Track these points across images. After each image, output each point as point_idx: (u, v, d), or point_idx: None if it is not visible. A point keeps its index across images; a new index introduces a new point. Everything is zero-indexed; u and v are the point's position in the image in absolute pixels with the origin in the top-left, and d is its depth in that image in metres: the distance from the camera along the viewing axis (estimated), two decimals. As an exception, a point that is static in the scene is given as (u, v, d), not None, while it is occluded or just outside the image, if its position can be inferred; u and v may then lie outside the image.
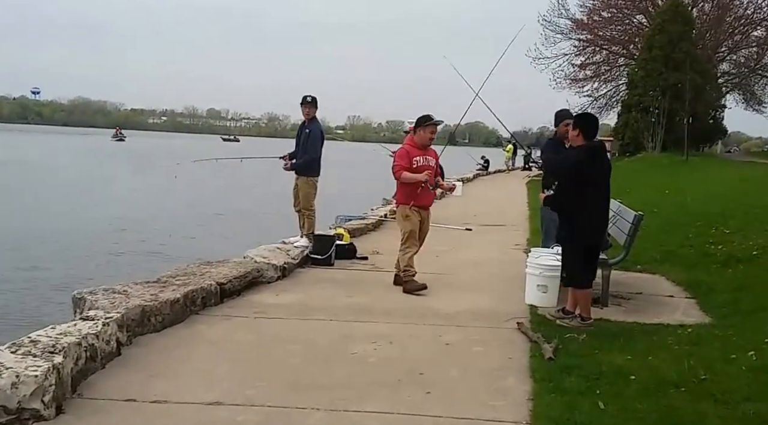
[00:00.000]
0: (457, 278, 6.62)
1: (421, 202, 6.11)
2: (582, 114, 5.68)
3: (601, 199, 4.97)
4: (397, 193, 6.19)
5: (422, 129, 6.10)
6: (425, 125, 6.10)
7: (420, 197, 6.07)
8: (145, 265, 9.58)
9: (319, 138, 7.24)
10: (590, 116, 5.44)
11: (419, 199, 6.07)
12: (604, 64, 37.39)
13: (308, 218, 7.25)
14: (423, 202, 6.14)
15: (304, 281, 6.33)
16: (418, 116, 6.21)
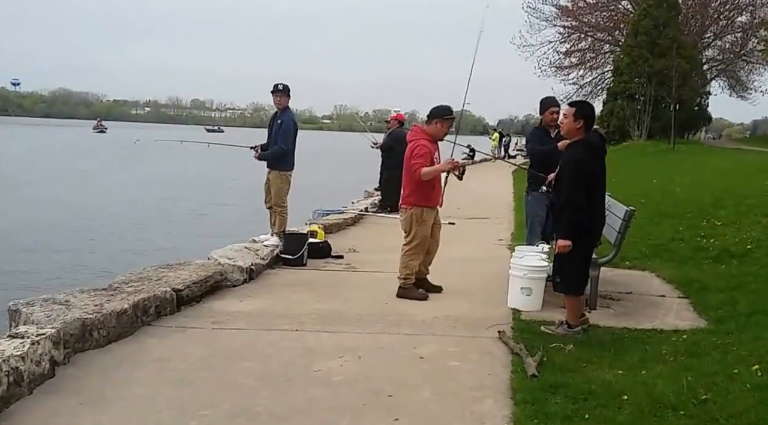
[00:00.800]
0: (437, 280, 6.19)
1: (434, 202, 5.54)
2: (582, 102, 5.17)
3: (602, 195, 4.58)
4: (410, 193, 5.48)
5: (440, 122, 5.49)
6: (445, 118, 5.51)
7: (434, 196, 5.51)
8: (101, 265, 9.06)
9: (292, 129, 6.77)
10: (590, 104, 4.98)
11: (433, 198, 5.51)
12: (590, 51, 37.04)
13: (280, 215, 6.80)
14: (436, 201, 5.56)
15: (272, 284, 5.88)
16: (436, 106, 5.55)
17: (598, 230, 4.64)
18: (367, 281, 6.09)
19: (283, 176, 6.81)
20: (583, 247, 4.48)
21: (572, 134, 4.55)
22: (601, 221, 4.67)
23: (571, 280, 4.55)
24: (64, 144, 44.65)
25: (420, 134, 5.53)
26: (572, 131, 4.54)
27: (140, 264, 6.20)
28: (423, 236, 5.49)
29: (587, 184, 4.38)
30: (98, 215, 14.97)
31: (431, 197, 5.49)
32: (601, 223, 4.68)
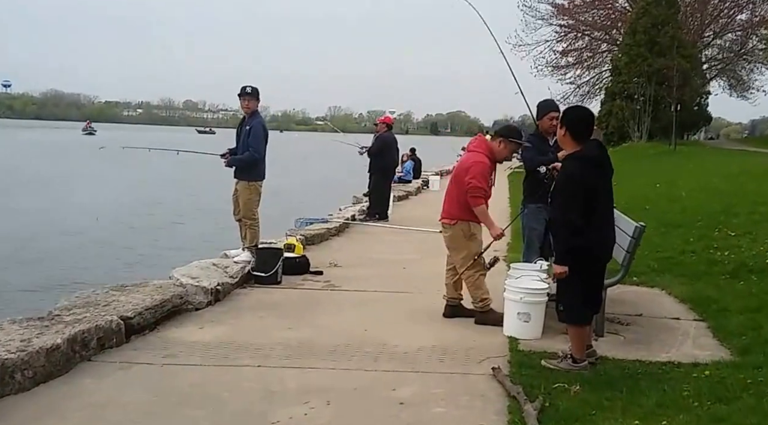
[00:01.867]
0: (424, 299, 5.59)
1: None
2: (569, 108, 4.57)
3: (606, 213, 3.95)
4: (457, 207, 4.89)
5: (505, 143, 4.90)
6: (511, 141, 4.94)
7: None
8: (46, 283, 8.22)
9: (262, 135, 6.16)
10: (581, 109, 4.38)
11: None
12: (587, 50, 36.48)
13: (250, 228, 6.18)
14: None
15: (239, 307, 5.26)
16: (506, 125, 4.99)
17: (602, 253, 4.00)
18: (347, 302, 5.47)
19: (252, 186, 6.21)
20: (583, 273, 3.87)
21: (563, 144, 3.98)
22: (607, 243, 4.01)
23: (573, 309, 3.94)
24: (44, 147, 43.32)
25: (482, 148, 4.92)
26: (561, 140, 3.99)
27: (95, 284, 5.58)
28: (476, 252, 4.91)
29: (584, 202, 3.78)
30: (54, 226, 13.27)
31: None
32: (607, 244, 4.01)
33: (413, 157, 18.19)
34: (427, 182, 17.29)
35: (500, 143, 4.90)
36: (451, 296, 5.12)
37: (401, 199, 13.73)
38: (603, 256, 4.02)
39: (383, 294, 5.71)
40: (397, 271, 6.71)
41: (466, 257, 4.90)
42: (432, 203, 14.05)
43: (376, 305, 5.36)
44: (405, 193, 14.44)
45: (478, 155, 4.87)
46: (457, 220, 4.90)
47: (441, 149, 30.26)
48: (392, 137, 10.49)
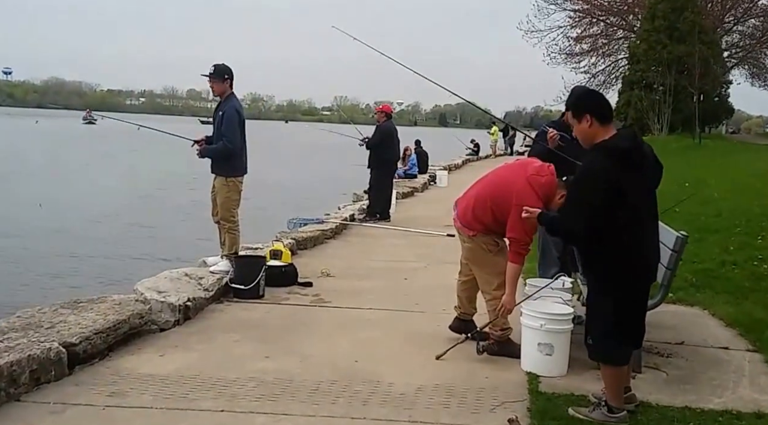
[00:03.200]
0: (426, 320, 4.84)
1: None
2: (585, 91, 3.73)
3: (642, 224, 3.14)
4: (483, 217, 3.99)
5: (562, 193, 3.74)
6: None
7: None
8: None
9: (237, 121, 5.37)
10: (592, 92, 3.62)
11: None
12: (602, 36, 35.11)
13: (229, 232, 5.43)
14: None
15: (211, 328, 4.52)
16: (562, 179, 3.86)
17: (640, 273, 3.19)
18: (337, 323, 4.72)
19: (231, 183, 5.45)
20: (619, 297, 3.10)
21: (587, 137, 3.16)
22: (645, 261, 3.18)
23: (607, 345, 3.17)
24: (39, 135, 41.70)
25: (545, 191, 3.83)
26: (585, 133, 3.15)
27: (50, 298, 4.89)
28: (504, 268, 3.96)
29: (602, 207, 2.99)
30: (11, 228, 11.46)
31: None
32: (646, 263, 3.19)
33: (418, 149, 17.29)
34: (434, 177, 16.37)
35: (562, 196, 3.72)
36: (463, 310, 4.36)
37: (406, 196, 12.90)
38: (645, 276, 3.23)
39: (379, 313, 4.96)
40: (397, 283, 5.96)
41: (492, 273, 4.03)
42: (439, 200, 13.23)
43: (370, 328, 4.61)
44: (410, 189, 13.59)
45: (535, 197, 3.75)
46: (478, 232, 4.04)
47: (449, 141, 29.28)
48: (392, 127, 9.64)
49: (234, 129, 5.32)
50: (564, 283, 4.50)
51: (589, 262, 3.19)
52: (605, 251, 3.08)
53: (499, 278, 3.98)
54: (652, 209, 3.17)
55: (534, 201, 3.71)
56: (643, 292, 3.22)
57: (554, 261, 4.95)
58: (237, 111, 5.40)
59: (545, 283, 4.51)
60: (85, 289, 6.67)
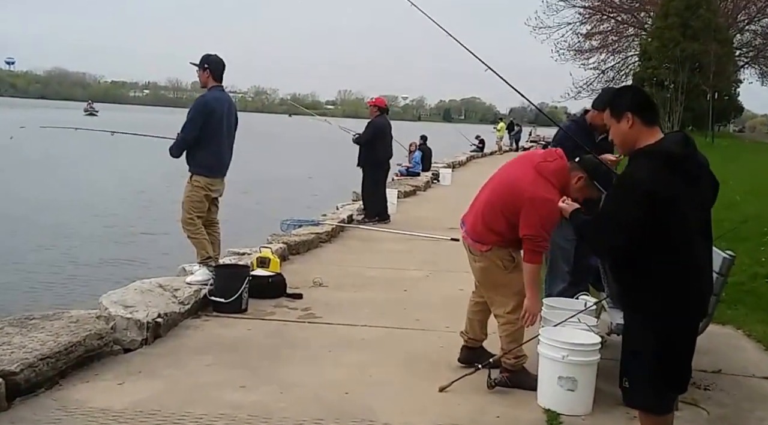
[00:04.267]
0: (428, 340, 4.29)
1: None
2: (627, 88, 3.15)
3: (694, 247, 2.54)
4: (495, 233, 3.43)
5: (585, 183, 3.34)
6: (598, 187, 3.34)
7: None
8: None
9: (197, 114, 4.82)
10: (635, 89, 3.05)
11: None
12: (612, 33, 34.43)
13: (192, 237, 4.85)
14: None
15: (183, 349, 3.98)
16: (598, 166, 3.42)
17: (691, 306, 2.60)
18: (327, 342, 4.17)
19: (195, 182, 4.88)
20: (660, 336, 2.52)
21: (626, 141, 2.56)
22: (698, 291, 2.56)
23: (645, 391, 2.60)
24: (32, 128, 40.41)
25: (557, 179, 3.32)
26: (626, 137, 2.55)
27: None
28: (523, 288, 3.41)
29: (642, 225, 2.42)
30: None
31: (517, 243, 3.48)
32: (699, 293, 2.56)
33: (423, 146, 16.67)
34: (437, 175, 15.76)
35: (579, 179, 3.30)
36: (472, 336, 3.79)
37: (408, 195, 12.33)
38: (692, 313, 2.64)
39: (375, 331, 4.41)
40: (397, 295, 5.41)
41: (508, 294, 3.46)
42: (443, 200, 12.68)
43: (364, 349, 4.07)
44: (412, 188, 13.01)
45: (548, 186, 3.27)
46: (492, 245, 3.45)
47: (453, 137, 28.66)
48: (386, 123, 8.88)
49: (193, 120, 4.79)
50: (586, 303, 3.97)
51: (626, 288, 2.62)
52: (647, 277, 2.52)
53: (515, 298, 3.43)
54: (706, 230, 2.59)
55: (548, 190, 3.25)
56: (693, 329, 2.64)
57: (562, 276, 4.37)
58: (203, 103, 4.85)
59: (564, 302, 4.00)
60: (46, 301, 6.12)
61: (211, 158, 4.86)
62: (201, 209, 4.88)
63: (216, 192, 4.97)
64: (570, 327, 3.44)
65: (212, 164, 4.88)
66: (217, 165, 4.91)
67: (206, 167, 4.87)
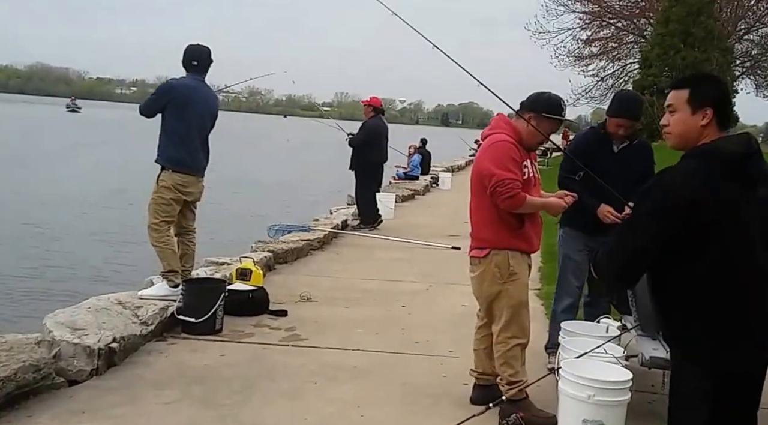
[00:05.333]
0: (429, 368, 3.71)
1: (531, 242, 3.11)
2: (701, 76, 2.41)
3: (755, 269, 1.96)
4: (486, 226, 3.07)
5: (538, 119, 3.04)
6: (546, 117, 3.06)
7: (530, 231, 3.08)
8: None
9: (162, 92, 4.27)
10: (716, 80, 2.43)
11: (529, 234, 3.08)
12: (612, 40, 34.07)
13: (155, 245, 4.22)
14: (536, 240, 3.13)
15: (140, 381, 3.37)
16: (538, 95, 3.16)
17: (756, 344, 2.01)
18: (312, 370, 3.59)
19: (163, 181, 4.26)
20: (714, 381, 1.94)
21: (689, 139, 2.02)
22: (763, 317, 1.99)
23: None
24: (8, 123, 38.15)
25: (503, 128, 3.10)
26: (690, 133, 2.02)
27: None
28: (518, 302, 3.05)
29: (697, 236, 1.89)
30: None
31: (526, 232, 3.05)
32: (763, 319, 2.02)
33: (422, 150, 16.12)
34: (436, 179, 15.25)
35: (530, 120, 3.03)
36: (483, 372, 3.24)
37: (406, 199, 11.79)
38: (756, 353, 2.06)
39: (368, 357, 3.83)
40: (393, 311, 4.84)
41: (501, 307, 3.04)
42: (442, 204, 12.13)
43: (355, 380, 3.49)
44: (410, 192, 12.48)
45: (502, 141, 3.03)
46: (489, 248, 3.03)
47: (452, 141, 28.19)
48: (381, 124, 8.34)
49: (154, 98, 4.26)
50: (608, 328, 3.39)
51: (669, 319, 2.04)
52: (696, 304, 1.96)
53: (508, 312, 3.05)
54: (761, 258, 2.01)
55: (508, 140, 3.02)
56: (759, 376, 2.06)
57: (571, 291, 3.81)
58: (170, 88, 4.27)
59: (585, 327, 3.43)
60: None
61: (182, 152, 4.26)
62: (169, 214, 4.27)
63: (190, 195, 4.37)
64: (595, 361, 2.87)
65: (182, 158, 4.27)
66: (188, 161, 4.31)
67: (175, 161, 4.25)
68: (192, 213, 4.49)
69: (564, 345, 3.14)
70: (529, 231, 3.04)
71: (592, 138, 3.79)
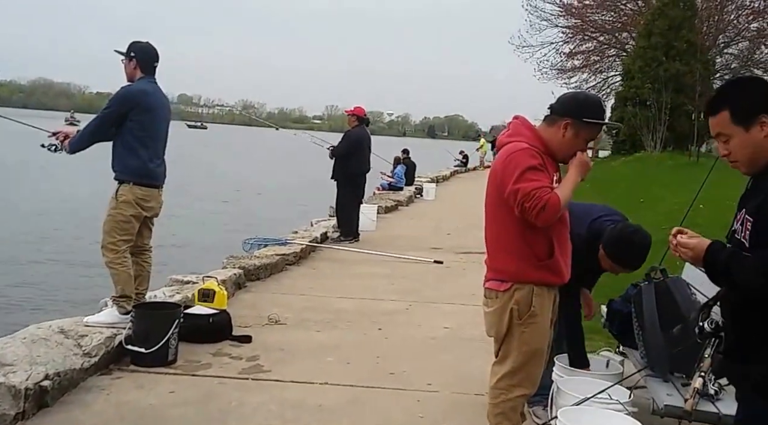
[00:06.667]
0: (405, 405, 3.31)
1: (561, 272, 2.49)
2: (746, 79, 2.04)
3: None
4: (511, 257, 2.46)
5: (585, 127, 2.47)
6: (594, 122, 2.49)
7: (560, 261, 2.48)
8: None
9: (118, 103, 3.84)
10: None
11: (559, 265, 2.48)
12: (594, 53, 34.39)
13: (111, 267, 3.78)
14: (564, 271, 2.51)
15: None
16: (573, 96, 2.71)
17: None
18: (272, 411, 3.17)
19: (122, 195, 3.83)
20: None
21: (760, 158, 1.74)
22: None
23: None
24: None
25: (525, 135, 2.51)
26: (758, 152, 1.74)
27: None
28: (534, 350, 2.48)
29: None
30: None
31: (555, 262, 2.46)
32: None
33: (406, 160, 15.85)
34: (421, 189, 14.96)
35: (564, 127, 2.45)
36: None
37: (389, 210, 11.43)
38: None
39: (337, 393, 3.43)
40: (369, 335, 4.45)
41: (509, 349, 2.48)
42: (426, 215, 11.76)
43: (320, 422, 3.08)
44: (394, 203, 12.13)
45: (513, 145, 2.48)
46: (512, 282, 2.44)
47: (437, 152, 28.03)
48: (364, 134, 8.09)
49: (107, 112, 3.82)
50: (609, 362, 3.02)
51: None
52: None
53: (516, 359, 2.45)
54: None
55: (527, 147, 2.43)
56: None
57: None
58: (131, 94, 3.87)
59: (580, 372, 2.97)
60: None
61: (144, 162, 3.84)
62: (128, 232, 3.85)
63: (150, 210, 3.96)
64: (597, 409, 2.47)
65: (146, 169, 3.86)
66: (152, 172, 3.90)
67: (137, 173, 3.83)
68: (149, 230, 4.08)
69: (559, 388, 2.71)
70: (558, 261, 2.45)
71: None
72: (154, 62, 4.05)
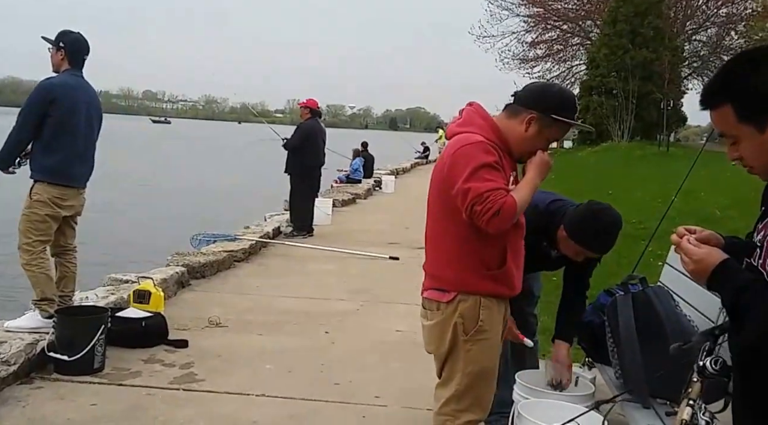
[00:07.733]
0: (349, 422, 3.15)
1: (513, 283, 2.20)
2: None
3: None
4: (453, 265, 2.15)
5: (554, 124, 2.15)
6: (564, 120, 2.16)
7: (512, 271, 2.17)
8: None
9: (40, 101, 3.59)
10: None
11: (510, 275, 2.18)
12: (557, 42, 34.52)
13: (27, 269, 3.56)
14: (516, 282, 2.22)
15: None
16: (539, 87, 2.36)
17: None
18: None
19: (36, 194, 3.59)
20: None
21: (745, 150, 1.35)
22: None
23: None
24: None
25: (478, 125, 2.17)
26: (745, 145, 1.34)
27: None
28: (481, 369, 2.18)
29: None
30: None
31: (506, 272, 2.16)
32: None
33: (364, 153, 15.67)
34: (379, 182, 14.82)
35: (528, 121, 2.15)
36: None
37: (346, 203, 11.25)
38: None
39: (274, 406, 3.25)
40: (314, 339, 4.27)
41: (453, 370, 2.18)
42: (385, 209, 11.59)
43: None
44: (351, 196, 11.95)
45: (464, 136, 2.14)
46: (454, 291, 2.15)
47: (397, 144, 27.85)
48: (317, 126, 8.00)
49: (27, 111, 3.58)
50: (578, 380, 2.67)
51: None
52: None
53: (460, 382, 2.15)
54: None
55: (477, 138, 2.09)
56: None
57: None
58: (50, 87, 3.61)
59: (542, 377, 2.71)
60: None
61: (60, 161, 3.60)
62: (44, 232, 3.60)
63: (69, 209, 3.70)
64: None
65: (62, 168, 3.61)
66: (68, 171, 3.65)
67: (52, 172, 3.59)
68: (72, 230, 3.83)
69: (519, 412, 2.34)
70: (511, 270, 2.16)
71: None
72: (84, 55, 3.79)
